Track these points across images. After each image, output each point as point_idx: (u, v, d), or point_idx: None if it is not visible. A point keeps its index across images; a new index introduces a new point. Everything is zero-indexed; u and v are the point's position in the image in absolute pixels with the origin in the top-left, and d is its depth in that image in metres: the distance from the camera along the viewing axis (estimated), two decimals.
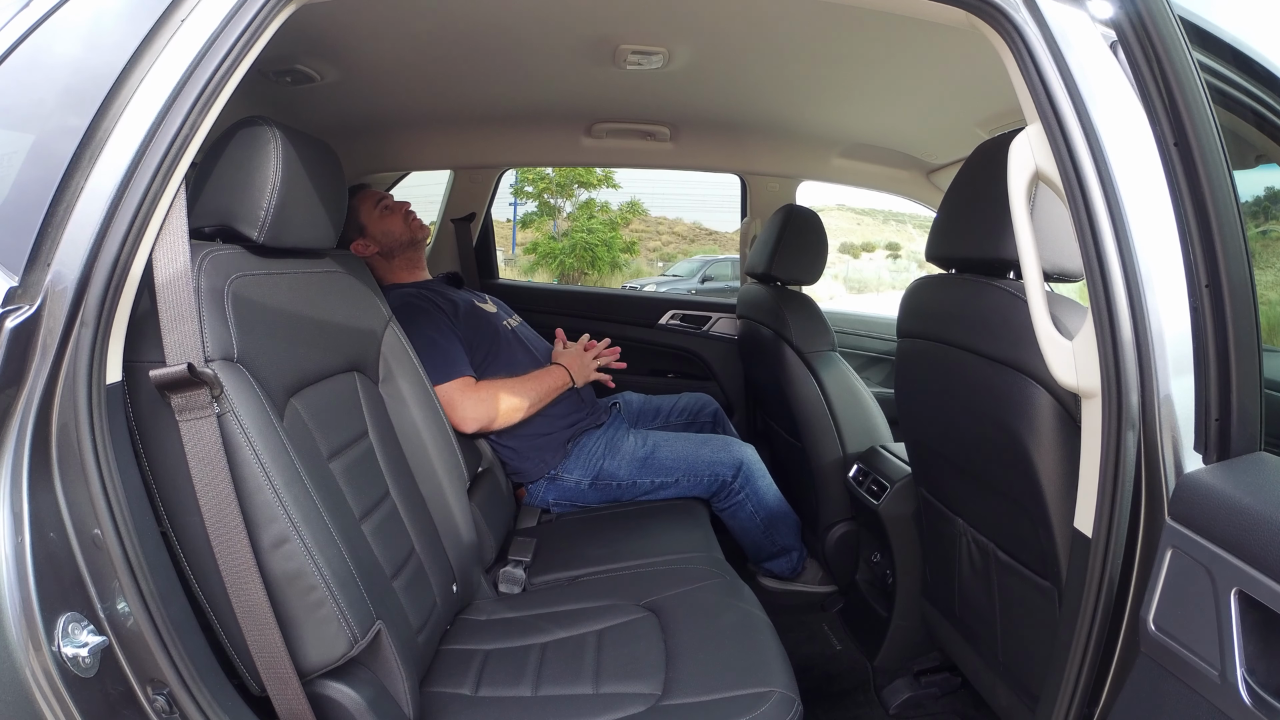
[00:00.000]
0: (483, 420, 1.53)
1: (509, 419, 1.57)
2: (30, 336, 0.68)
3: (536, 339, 1.86)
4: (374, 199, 1.70)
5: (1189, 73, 0.67)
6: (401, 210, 1.71)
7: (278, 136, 0.93)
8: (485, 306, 1.77)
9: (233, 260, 0.89)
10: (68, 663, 0.66)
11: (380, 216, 1.68)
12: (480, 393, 1.54)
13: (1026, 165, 0.80)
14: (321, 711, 0.85)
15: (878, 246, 16.87)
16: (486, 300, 1.83)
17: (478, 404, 1.53)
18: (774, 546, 1.81)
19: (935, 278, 1.23)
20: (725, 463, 1.71)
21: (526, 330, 1.87)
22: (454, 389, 1.50)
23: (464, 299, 1.71)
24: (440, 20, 1.35)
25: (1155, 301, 0.72)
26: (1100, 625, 0.76)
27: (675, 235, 15.86)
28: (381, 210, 1.69)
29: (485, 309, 1.76)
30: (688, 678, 1.01)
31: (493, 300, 1.86)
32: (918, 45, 1.37)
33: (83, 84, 0.74)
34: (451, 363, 1.53)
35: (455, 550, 1.27)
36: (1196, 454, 0.71)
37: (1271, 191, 1.40)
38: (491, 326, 1.71)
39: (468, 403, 1.51)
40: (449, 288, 1.76)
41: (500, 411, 1.56)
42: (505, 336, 1.73)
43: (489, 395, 1.55)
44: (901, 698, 1.45)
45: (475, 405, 1.52)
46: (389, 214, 1.69)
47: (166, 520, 0.81)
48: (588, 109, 1.98)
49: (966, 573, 1.23)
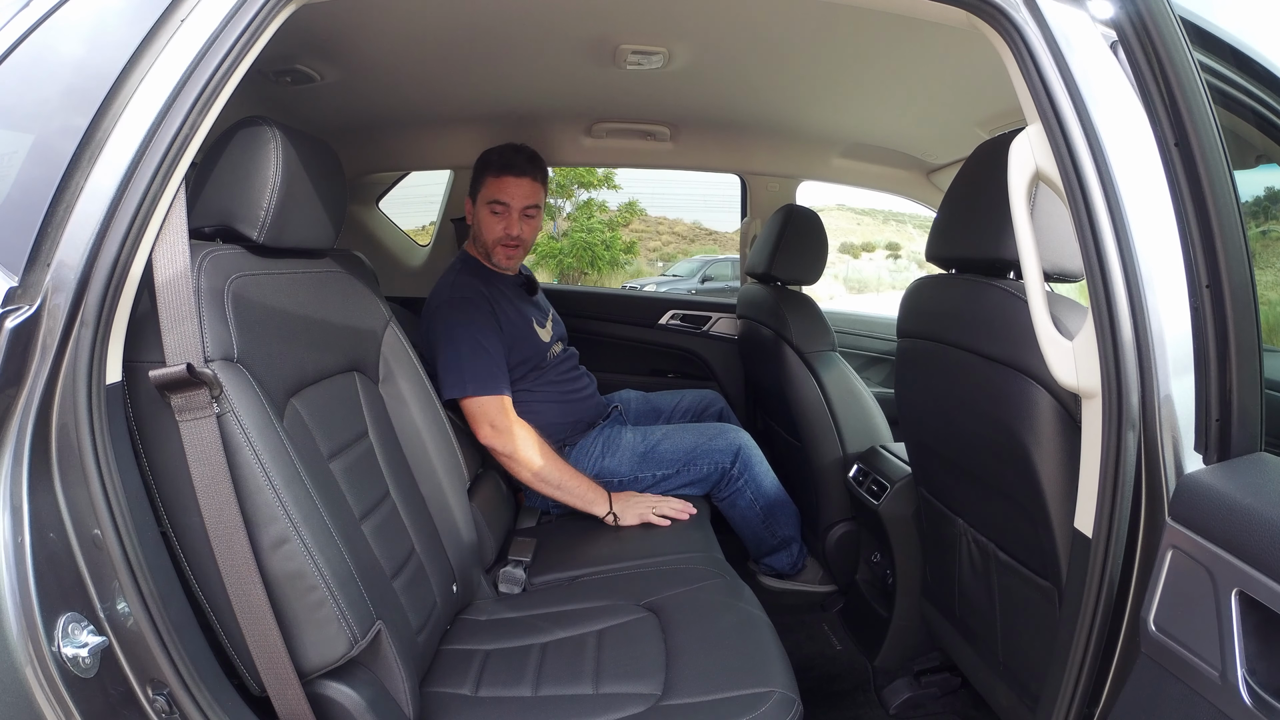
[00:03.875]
0: (499, 450, 1.53)
1: (520, 471, 1.55)
2: (30, 336, 0.68)
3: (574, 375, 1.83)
4: (496, 192, 1.64)
5: (1189, 73, 0.67)
6: (505, 221, 1.66)
7: (278, 136, 0.93)
8: (541, 332, 1.75)
9: (233, 260, 0.89)
10: (68, 663, 0.66)
11: (488, 213, 1.66)
12: (518, 427, 1.54)
13: (1027, 165, 0.80)
14: (321, 711, 0.85)
15: (878, 246, 16.88)
16: (546, 324, 1.80)
17: (503, 435, 1.52)
18: (774, 538, 1.80)
19: (935, 278, 1.23)
20: (723, 449, 1.71)
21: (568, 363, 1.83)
22: (493, 407, 1.52)
23: (523, 314, 1.70)
24: (440, 20, 1.35)
25: (1155, 301, 0.72)
26: (1100, 625, 0.76)
27: (675, 235, 15.86)
28: (493, 208, 1.65)
29: (540, 335, 1.74)
30: (688, 678, 1.01)
31: (552, 324, 1.84)
32: (918, 45, 1.37)
33: (83, 84, 0.74)
34: (493, 373, 1.53)
35: (455, 550, 1.27)
36: (1197, 454, 0.71)
37: (1271, 191, 1.40)
38: (538, 353, 1.70)
39: (500, 428, 1.52)
40: (516, 293, 1.75)
41: (520, 460, 1.54)
42: (550, 363, 1.73)
43: (525, 436, 1.54)
44: (901, 698, 1.45)
45: (500, 435, 1.52)
46: (496, 217, 1.66)
47: (166, 520, 0.81)
48: (588, 109, 1.98)
49: (967, 573, 1.23)
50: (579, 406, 1.77)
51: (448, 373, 1.53)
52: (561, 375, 1.76)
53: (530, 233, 1.70)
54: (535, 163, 1.68)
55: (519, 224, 1.66)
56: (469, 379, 1.52)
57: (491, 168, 1.65)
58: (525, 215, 1.67)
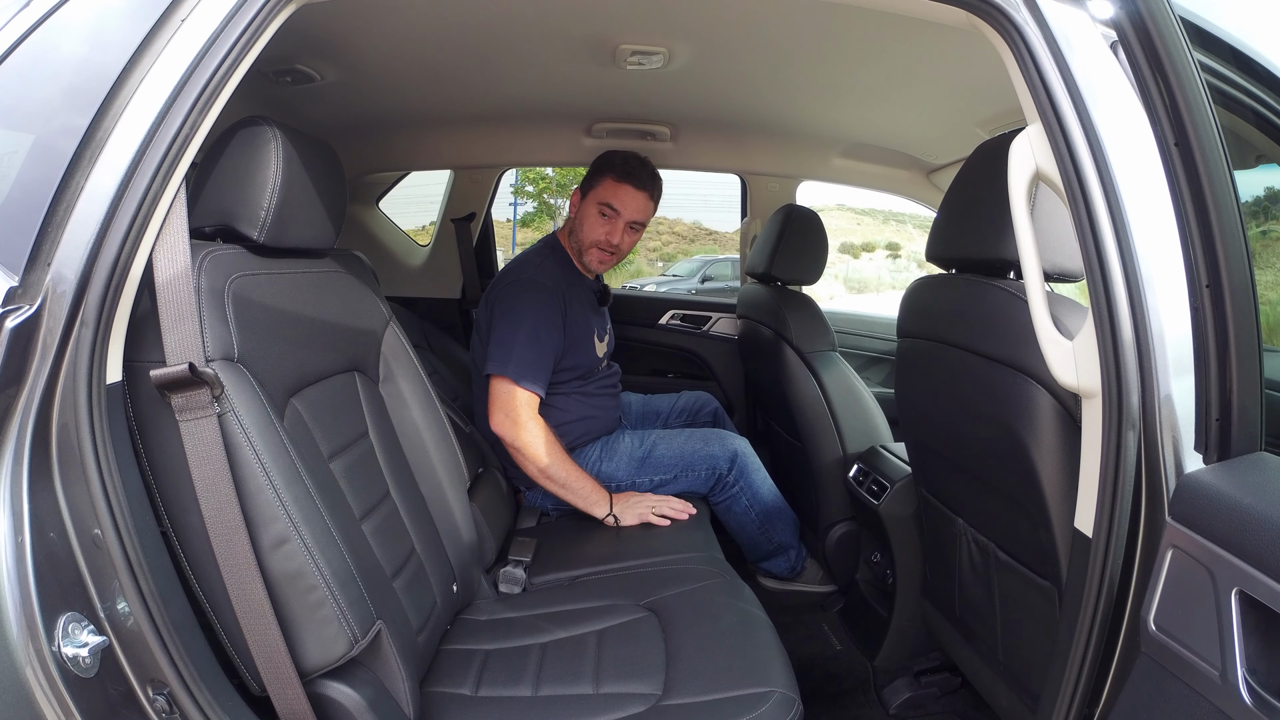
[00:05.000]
0: (508, 441, 1.54)
1: (526, 465, 1.56)
2: (30, 336, 0.68)
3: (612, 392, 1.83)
4: (611, 196, 1.64)
5: (1190, 73, 0.67)
6: (610, 226, 1.66)
7: (278, 136, 0.93)
8: (599, 345, 1.75)
9: (233, 260, 0.89)
10: (68, 663, 0.66)
11: (596, 213, 1.66)
12: (534, 424, 1.54)
13: (1027, 165, 0.80)
14: (322, 711, 0.85)
15: (878, 246, 16.87)
16: (605, 338, 1.80)
17: (519, 429, 1.52)
18: (770, 544, 1.80)
19: (935, 278, 1.23)
20: (720, 455, 1.71)
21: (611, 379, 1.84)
22: (519, 399, 1.51)
23: (589, 323, 1.71)
24: (440, 20, 1.35)
25: (1156, 301, 0.72)
26: (1101, 625, 0.76)
27: (675, 235, 15.85)
28: (602, 209, 1.65)
29: (597, 348, 1.74)
30: (688, 678, 1.01)
31: (608, 339, 1.84)
32: (918, 45, 1.37)
33: (83, 83, 0.74)
34: (538, 368, 1.53)
35: (455, 550, 1.27)
36: (1197, 454, 0.71)
37: (1271, 191, 1.40)
38: (590, 364, 1.71)
39: (518, 422, 1.52)
40: (590, 300, 1.75)
41: (529, 456, 1.54)
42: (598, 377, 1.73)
43: (537, 433, 1.54)
44: (901, 698, 1.45)
45: (515, 428, 1.52)
46: (603, 219, 1.66)
47: (167, 520, 0.81)
48: (588, 109, 1.98)
49: (967, 573, 1.23)
50: (601, 421, 1.77)
51: (498, 347, 1.54)
52: (601, 389, 1.76)
53: (629, 245, 1.71)
54: (656, 181, 1.70)
55: (622, 234, 1.67)
56: (513, 361, 1.52)
57: (615, 171, 1.66)
58: (630, 227, 1.68)
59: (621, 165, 1.66)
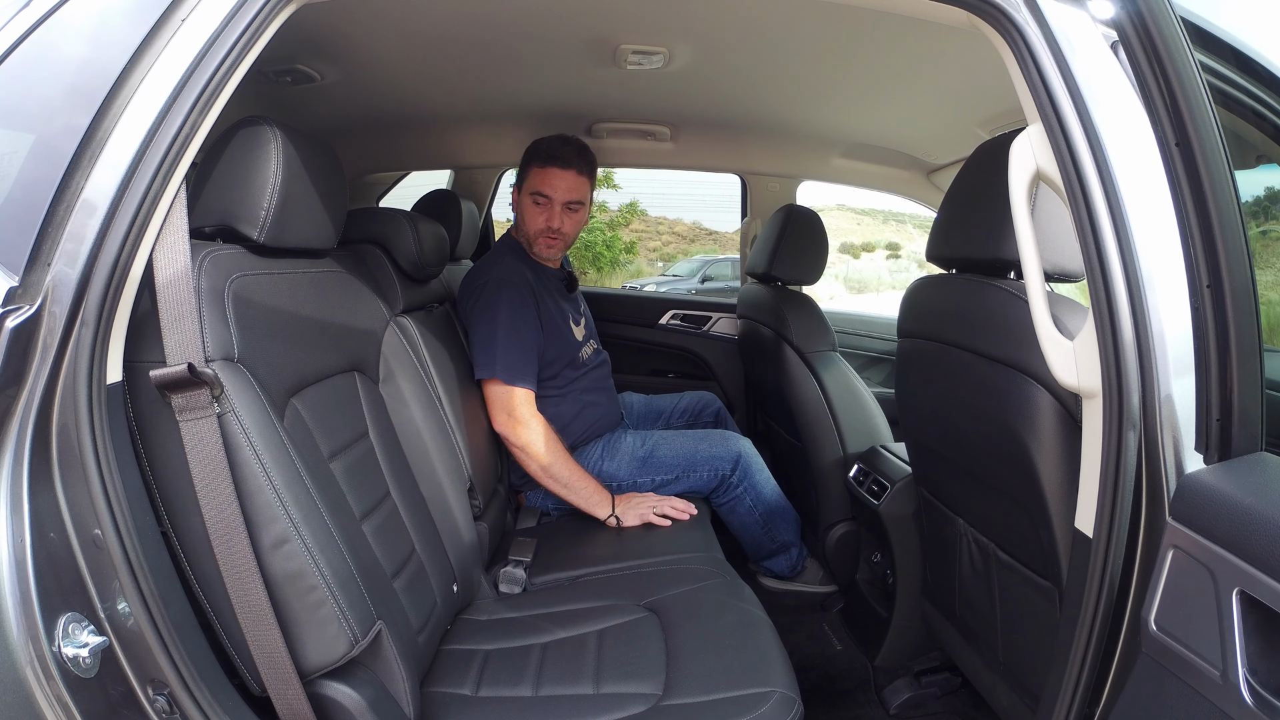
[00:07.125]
0: (511, 439, 1.54)
1: (529, 464, 1.56)
2: (30, 336, 0.68)
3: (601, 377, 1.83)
4: (539, 184, 1.62)
5: (1190, 73, 0.67)
6: (547, 213, 1.64)
7: (278, 136, 0.93)
8: (575, 330, 1.75)
9: (233, 260, 0.89)
10: (68, 663, 0.66)
11: (530, 203, 1.64)
12: (535, 421, 1.54)
13: (1027, 165, 0.80)
14: (322, 712, 0.85)
15: (878, 246, 16.89)
16: (580, 322, 1.80)
17: (520, 425, 1.53)
18: (773, 543, 1.80)
19: (936, 278, 1.23)
20: (723, 456, 1.71)
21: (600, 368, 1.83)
22: (515, 397, 1.52)
23: (561, 310, 1.71)
24: (440, 20, 1.35)
25: (1156, 301, 0.72)
26: (1101, 625, 0.76)
27: (675, 235, 15.87)
28: (535, 199, 1.64)
29: (575, 333, 1.74)
30: (688, 678, 1.01)
31: (585, 323, 1.84)
32: (918, 45, 1.37)
33: (84, 83, 0.74)
34: (525, 363, 1.54)
35: (455, 550, 1.27)
36: (1197, 454, 0.71)
37: (1272, 191, 1.40)
38: (571, 351, 1.71)
39: (519, 419, 1.53)
40: (557, 288, 1.75)
41: (531, 454, 1.54)
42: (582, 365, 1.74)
43: (538, 430, 1.55)
44: (902, 698, 1.45)
45: (517, 425, 1.53)
46: (538, 208, 1.64)
47: (167, 520, 0.81)
48: (588, 109, 1.98)
49: (967, 573, 1.23)
50: (600, 412, 1.77)
51: (481, 351, 1.55)
52: (594, 383, 1.76)
53: (572, 226, 1.68)
54: (583, 155, 1.64)
55: (560, 217, 1.64)
56: (499, 362, 1.53)
57: (537, 158, 1.62)
58: (568, 209, 1.64)
59: (544, 150, 1.62)
